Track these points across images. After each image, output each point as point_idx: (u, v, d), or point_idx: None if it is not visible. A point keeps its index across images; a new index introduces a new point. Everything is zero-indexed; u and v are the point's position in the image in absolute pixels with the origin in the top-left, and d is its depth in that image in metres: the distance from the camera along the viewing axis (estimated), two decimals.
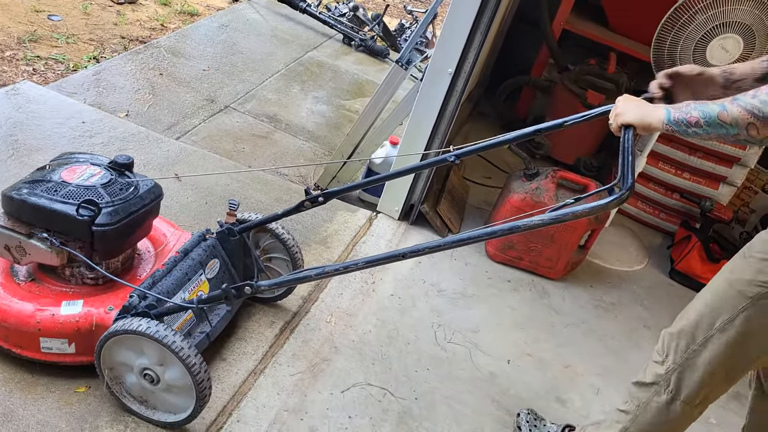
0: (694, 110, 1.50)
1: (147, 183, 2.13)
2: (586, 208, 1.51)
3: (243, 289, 1.88)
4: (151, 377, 1.90)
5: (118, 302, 1.98)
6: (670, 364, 1.84)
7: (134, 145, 3.29)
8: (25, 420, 1.91)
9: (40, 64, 3.97)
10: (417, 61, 3.33)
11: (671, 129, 1.56)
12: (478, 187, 3.91)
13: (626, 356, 2.91)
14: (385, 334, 2.61)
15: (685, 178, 3.85)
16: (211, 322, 2.18)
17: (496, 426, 2.36)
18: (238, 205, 2.25)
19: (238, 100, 4.19)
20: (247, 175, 3.37)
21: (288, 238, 2.38)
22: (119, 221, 1.96)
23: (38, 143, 3.06)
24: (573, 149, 4.28)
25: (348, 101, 4.72)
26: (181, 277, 2.09)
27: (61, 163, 2.09)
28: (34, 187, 1.95)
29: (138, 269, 2.24)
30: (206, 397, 1.88)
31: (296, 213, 2.15)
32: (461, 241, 1.64)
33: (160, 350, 1.83)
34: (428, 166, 2.14)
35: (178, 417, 1.94)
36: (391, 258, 1.72)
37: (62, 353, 1.99)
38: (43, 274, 2.10)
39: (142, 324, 1.80)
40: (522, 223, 1.55)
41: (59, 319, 1.95)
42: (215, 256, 2.25)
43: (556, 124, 1.85)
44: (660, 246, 3.92)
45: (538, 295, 3.14)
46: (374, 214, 3.35)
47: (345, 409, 2.25)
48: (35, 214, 1.93)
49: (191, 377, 1.81)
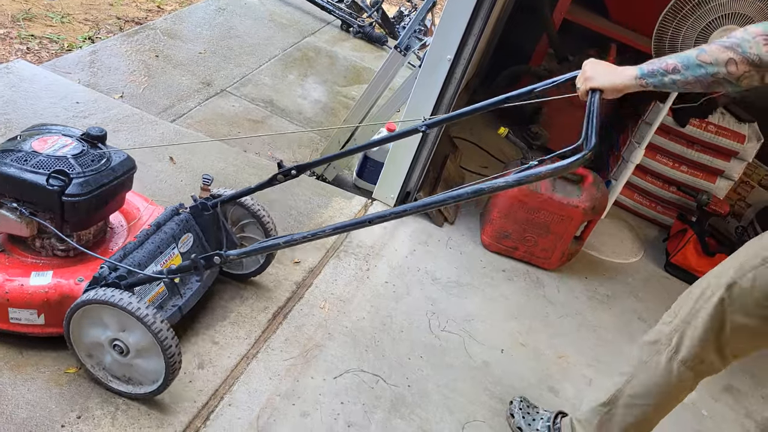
0: (670, 58, 1.50)
1: (119, 155, 2.10)
2: (549, 168, 1.49)
3: (212, 258, 1.85)
4: (120, 348, 1.88)
5: (88, 274, 1.95)
6: (677, 322, 1.85)
7: (129, 126, 3.26)
8: (14, 400, 1.89)
9: (34, 43, 3.92)
10: (415, 48, 3.31)
11: (645, 82, 1.55)
12: (474, 177, 3.89)
13: (619, 348, 2.90)
14: (378, 321, 2.60)
15: (682, 171, 3.84)
16: (184, 295, 2.16)
17: (489, 414, 2.36)
18: (212, 180, 2.23)
19: (234, 84, 4.15)
20: (243, 159, 3.34)
21: (257, 208, 2.36)
22: (90, 192, 1.93)
23: (31, 122, 2.98)
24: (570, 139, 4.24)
25: (345, 87, 4.68)
26: (153, 250, 2.06)
27: (32, 134, 2.05)
28: (4, 157, 1.92)
29: (110, 242, 2.22)
30: (174, 355, 1.84)
31: (269, 186, 2.14)
32: (426, 205, 1.64)
33: (119, 316, 1.81)
34: (400, 137, 2.14)
35: (158, 384, 1.92)
36: (358, 224, 1.72)
37: (31, 324, 1.96)
38: (13, 246, 2.07)
39: (107, 293, 1.78)
40: (487, 185, 1.54)
41: (28, 289, 1.92)
42: (188, 230, 2.23)
43: (526, 91, 1.84)
44: (656, 239, 3.91)
45: (532, 285, 3.13)
46: (369, 201, 3.33)
47: (337, 395, 2.23)
48: (4, 183, 1.90)
49: (150, 332, 1.78)
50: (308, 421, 2.11)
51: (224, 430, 2.00)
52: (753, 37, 1.40)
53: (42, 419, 1.86)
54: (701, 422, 2.64)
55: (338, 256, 2.88)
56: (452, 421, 2.28)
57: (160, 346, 1.81)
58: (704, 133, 3.68)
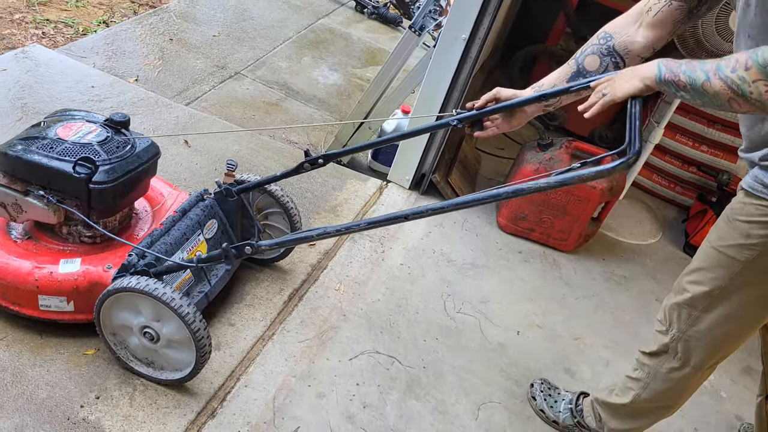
0: (683, 74, 1.44)
1: (144, 142, 2.10)
2: (592, 171, 1.47)
3: (243, 248, 1.85)
4: (151, 335, 1.89)
5: (116, 261, 1.97)
6: (675, 332, 1.84)
7: (144, 110, 3.26)
8: (34, 381, 1.91)
9: (49, 27, 3.93)
10: (430, 28, 3.27)
11: (663, 89, 1.51)
12: (490, 158, 3.86)
13: (637, 329, 2.88)
14: (394, 303, 2.60)
15: (702, 151, 3.77)
16: (210, 281, 2.17)
17: (504, 396, 2.35)
18: (236, 165, 2.22)
19: (248, 67, 4.14)
20: (257, 142, 3.34)
21: (286, 200, 2.35)
22: (116, 179, 1.94)
23: (47, 107, 3.04)
24: (588, 121, 4.19)
25: (359, 69, 4.65)
26: (179, 237, 2.07)
27: (56, 120, 2.06)
28: (29, 144, 1.92)
29: (135, 228, 2.23)
30: (206, 352, 1.87)
31: (295, 174, 2.11)
32: (465, 203, 1.59)
33: (155, 306, 1.82)
34: (430, 129, 2.07)
35: (183, 373, 1.94)
36: (394, 219, 1.68)
37: (61, 311, 1.98)
38: (40, 233, 2.08)
39: (141, 282, 1.79)
40: (526, 186, 1.51)
41: (58, 277, 1.93)
42: (213, 216, 2.23)
43: (563, 90, 1.78)
44: (675, 220, 3.87)
45: (549, 267, 3.11)
46: (385, 183, 3.32)
47: (353, 377, 2.24)
48: (31, 171, 1.91)
49: (189, 330, 1.79)
50: (324, 402, 2.12)
51: (241, 410, 2.01)
52: (752, 81, 1.32)
53: (61, 399, 1.88)
54: (720, 404, 2.61)
55: (353, 238, 2.88)
56: (468, 403, 2.28)
57: (195, 343, 1.82)
58: (725, 112, 3.61)
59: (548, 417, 2.29)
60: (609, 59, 1.73)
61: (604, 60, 1.73)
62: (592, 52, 1.75)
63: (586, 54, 1.76)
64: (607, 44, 1.72)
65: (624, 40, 1.71)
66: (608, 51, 1.72)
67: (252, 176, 2.31)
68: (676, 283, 1.87)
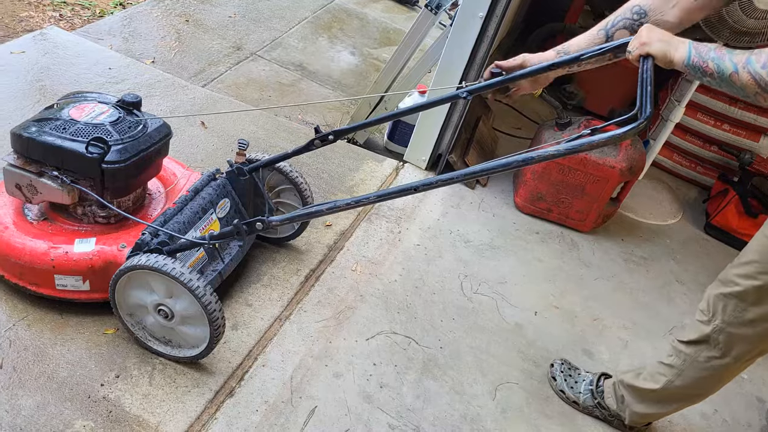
0: (711, 60, 1.42)
1: (155, 122, 2.11)
2: (603, 137, 1.45)
3: (254, 224, 1.85)
4: (166, 312, 1.91)
5: (130, 240, 1.99)
6: (718, 323, 1.81)
7: (160, 91, 3.27)
8: (55, 359, 1.94)
9: (66, 9, 3.94)
10: (446, 6, 3.22)
11: (688, 71, 1.49)
12: (507, 138, 3.82)
13: (657, 310, 2.85)
14: (410, 284, 2.60)
15: (724, 130, 3.70)
16: (224, 260, 2.19)
17: (522, 376, 2.35)
18: (247, 144, 2.22)
19: (264, 48, 4.12)
20: (274, 123, 3.33)
21: (295, 175, 2.34)
22: (129, 159, 1.95)
23: (65, 89, 3.05)
24: (607, 100, 4.15)
25: (375, 50, 4.62)
26: (192, 215, 2.08)
27: (69, 102, 2.07)
28: (43, 126, 1.94)
29: (149, 208, 2.24)
30: (220, 326, 1.88)
31: (306, 151, 2.10)
32: (474, 173, 1.58)
33: (166, 283, 1.84)
34: (439, 102, 2.07)
35: (200, 349, 1.96)
36: (403, 191, 1.67)
37: (77, 290, 2.01)
38: (55, 213, 2.11)
39: (151, 259, 1.81)
40: (536, 154, 1.49)
41: (73, 256, 1.96)
42: (225, 195, 2.24)
43: (574, 58, 1.76)
44: (695, 200, 3.81)
45: (567, 247, 3.09)
46: (401, 163, 3.30)
47: (370, 357, 2.25)
48: (45, 152, 1.92)
49: (200, 304, 1.81)
50: (341, 382, 2.13)
51: (258, 389, 2.03)
52: None
53: (82, 378, 1.91)
54: (742, 386, 2.59)
55: (369, 219, 2.87)
56: (485, 383, 2.28)
57: (207, 316, 1.83)
58: None
59: (568, 397, 2.28)
60: None
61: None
62: (624, 27, 1.72)
63: (617, 27, 1.73)
64: (641, 21, 1.70)
65: (657, 19, 1.68)
66: (639, 28, 1.69)
67: (263, 155, 2.31)
68: (723, 274, 1.83)
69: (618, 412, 2.19)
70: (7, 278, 2.04)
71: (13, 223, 2.04)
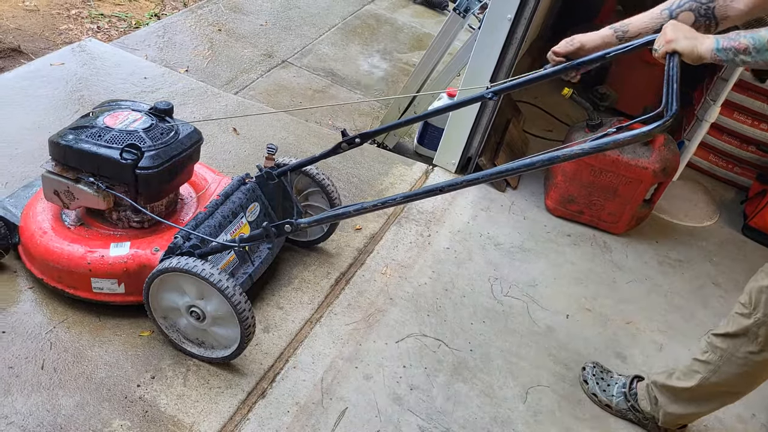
0: (743, 38, 1.41)
1: (187, 128, 2.16)
2: (628, 135, 1.44)
3: (283, 227, 1.88)
4: (197, 314, 1.95)
5: (163, 244, 2.04)
6: (760, 316, 1.78)
7: (194, 99, 3.34)
8: (93, 361, 2.00)
9: (103, 21, 4.06)
10: (475, 9, 3.23)
11: (719, 58, 1.47)
12: (538, 140, 3.80)
13: (692, 313, 2.80)
14: (440, 287, 2.60)
15: (762, 129, 3.62)
16: (254, 262, 2.23)
17: (553, 379, 2.33)
18: (276, 149, 2.26)
19: (295, 55, 4.18)
20: (304, 128, 3.37)
21: (321, 177, 2.37)
22: (161, 164, 2.01)
23: (102, 98, 3.13)
24: (640, 100, 4.08)
25: (405, 55, 4.64)
26: (222, 219, 2.13)
27: (103, 110, 2.15)
28: (79, 133, 2.01)
29: (181, 213, 2.30)
30: (250, 325, 1.91)
31: (333, 155, 2.13)
32: (499, 173, 1.59)
33: (197, 284, 1.88)
34: (464, 104, 2.09)
35: (232, 349, 2.00)
36: (429, 192, 1.69)
37: (113, 293, 2.07)
38: (91, 219, 2.18)
39: (182, 261, 1.85)
40: (562, 153, 1.49)
41: (108, 260, 2.02)
42: (255, 199, 2.28)
43: (599, 56, 1.76)
44: (733, 201, 3.73)
45: (599, 250, 3.05)
46: (430, 167, 3.31)
47: (400, 359, 2.26)
48: (81, 159, 1.99)
49: (229, 304, 1.85)
50: (371, 384, 2.15)
51: (290, 391, 2.06)
52: None
53: (119, 379, 1.96)
54: None
55: (399, 222, 2.89)
56: (516, 386, 2.27)
57: (237, 316, 1.87)
58: None
59: (601, 401, 2.26)
60: (703, 20, 1.67)
61: (699, 20, 1.67)
62: (690, 9, 1.69)
63: (683, 9, 1.69)
64: (708, 5, 1.66)
65: (726, 4, 1.65)
66: (706, 12, 1.66)
67: (291, 159, 2.35)
68: (767, 266, 1.81)
69: (652, 414, 2.16)
70: (47, 281, 2.11)
71: (51, 229, 2.11)
